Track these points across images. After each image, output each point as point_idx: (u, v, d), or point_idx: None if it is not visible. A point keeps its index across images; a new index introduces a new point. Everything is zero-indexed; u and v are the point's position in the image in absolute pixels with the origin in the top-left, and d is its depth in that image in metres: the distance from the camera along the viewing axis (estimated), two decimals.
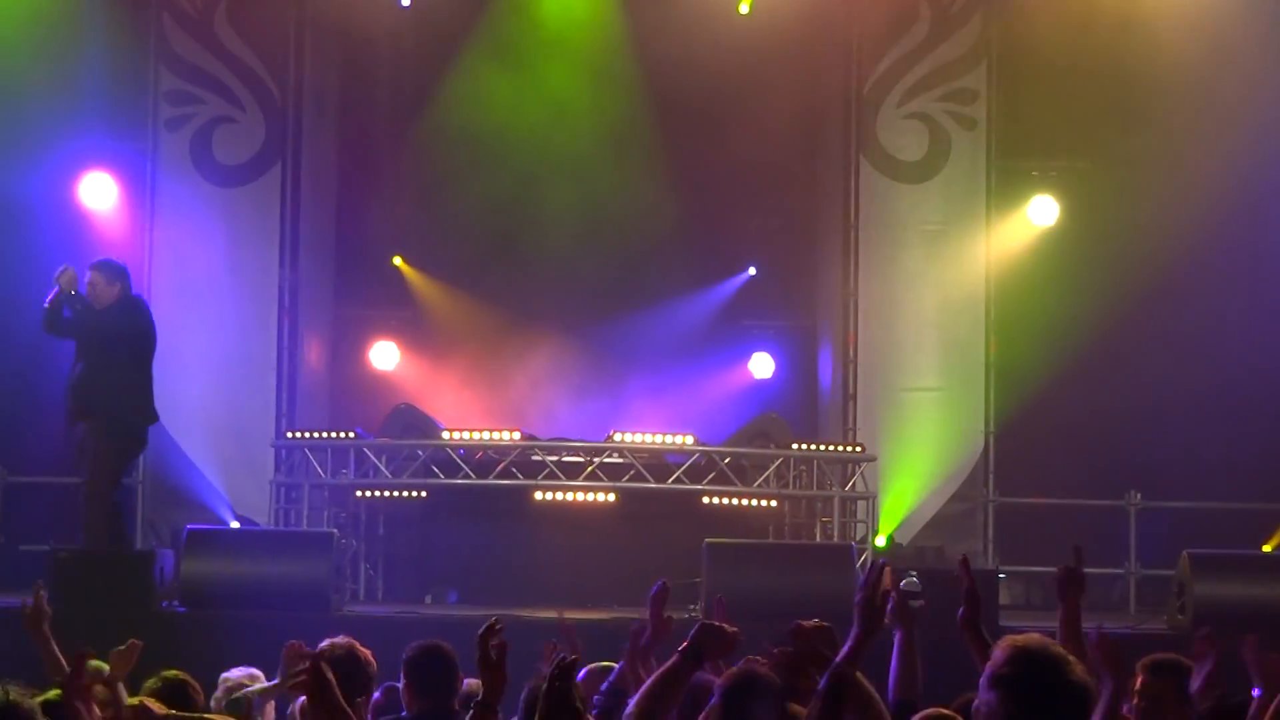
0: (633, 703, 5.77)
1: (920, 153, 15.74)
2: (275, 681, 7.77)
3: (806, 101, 16.72)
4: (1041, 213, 15.77)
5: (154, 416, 13.20)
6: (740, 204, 17.26)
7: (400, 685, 7.08)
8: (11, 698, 4.91)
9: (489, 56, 16.32)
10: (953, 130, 15.73)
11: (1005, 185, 15.72)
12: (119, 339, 12.82)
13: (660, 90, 16.32)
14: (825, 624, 6.18)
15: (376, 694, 7.47)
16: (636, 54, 16.23)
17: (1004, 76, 15.70)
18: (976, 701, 4.80)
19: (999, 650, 4.74)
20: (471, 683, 7.56)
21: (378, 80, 16.69)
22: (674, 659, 5.90)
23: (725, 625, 5.97)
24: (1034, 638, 4.82)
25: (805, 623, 6.13)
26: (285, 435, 15.20)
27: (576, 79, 16.29)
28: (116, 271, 12.91)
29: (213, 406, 15.63)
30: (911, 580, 6.50)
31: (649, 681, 5.94)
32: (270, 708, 7.88)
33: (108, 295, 12.81)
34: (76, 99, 15.65)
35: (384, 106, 16.97)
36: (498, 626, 5.32)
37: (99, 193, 15.85)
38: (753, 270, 17.44)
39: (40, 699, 6.28)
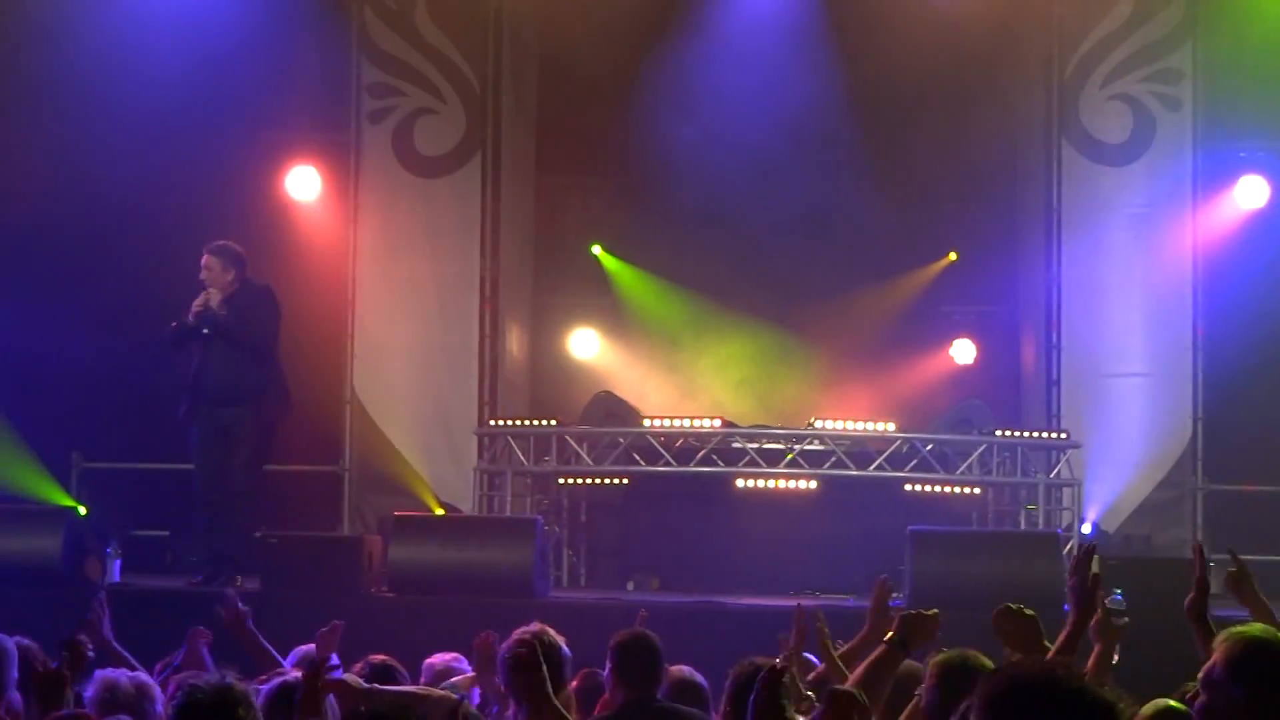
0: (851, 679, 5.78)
1: (1124, 135, 15.49)
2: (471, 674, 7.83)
3: (1007, 84, 16.54)
4: (1250, 194, 15.40)
5: (290, 405, 13.33)
6: (941, 188, 17.10)
7: (605, 672, 7.11)
8: (231, 685, 5.02)
9: (690, 44, 16.30)
10: (1157, 111, 15.45)
11: (1212, 167, 15.38)
12: (250, 329, 12.95)
13: (858, 76, 16.18)
14: (1030, 613, 6.13)
15: (574, 681, 7.52)
16: (835, 40, 16.10)
17: (1209, 56, 15.38)
18: (1203, 697, 4.71)
19: (1229, 644, 4.65)
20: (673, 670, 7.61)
21: (576, 69, 16.75)
22: (881, 649, 5.91)
23: (926, 612, 5.97)
24: (1256, 628, 4.73)
25: (1013, 605, 6.09)
26: (488, 423, 15.35)
27: (776, 63, 16.20)
28: (233, 257, 13.04)
29: (416, 395, 15.86)
30: (1117, 600, 6.42)
31: (858, 672, 5.94)
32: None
33: (223, 280, 12.94)
34: (281, 93, 15.95)
35: (583, 95, 17.02)
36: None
37: (304, 185, 16.13)
38: (954, 255, 17.27)
39: None
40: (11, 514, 13.54)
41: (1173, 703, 5.84)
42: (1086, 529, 14.32)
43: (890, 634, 5.98)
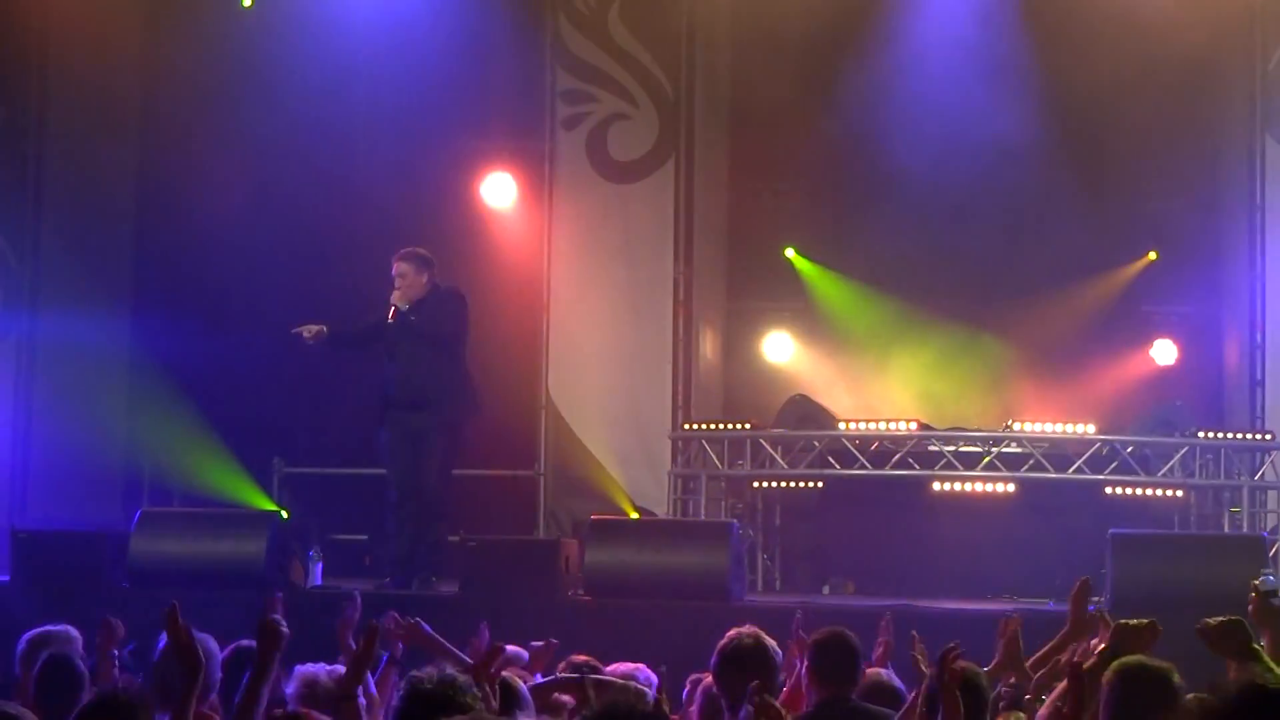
0: (1051, 703, 5.70)
1: None
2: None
3: (1208, 80, 16.22)
4: None
5: (479, 409, 13.40)
6: (1141, 187, 16.81)
7: (802, 669, 7.10)
8: (458, 682, 5.11)
9: (881, 49, 16.20)
10: None
11: None
12: (439, 332, 13.05)
13: (1060, 74, 15.93)
14: (1236, 619, 5.99)
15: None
16: (1032, 40, 15.90)
17: None
18: None
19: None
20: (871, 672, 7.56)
21: (771, 72, 16.72)
22: (1094, 660, 5.80)
23: (1141, 623, 5.86)
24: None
25: (1211, 621, 5.95)
26: (682, 427, 15.37)
27: (970, 66, 16.03)
28: (424, 261, 13.16)
29: (611, 399, 15.91)
30: (1268, 579, 6.27)
31: (1064, 683, 5.86)
32: None
33: (416, 286, 13.07)
34: (477, 101, 16.11)
35: (777, 99, 16.97)
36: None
37: (500, 192, 16.27)
38: (1154, 254, 16.99)
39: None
40: (217, 518, 13.83)
41: None
42: None
43: (1102, 645, 5.88)
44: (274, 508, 15.02)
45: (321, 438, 16.11)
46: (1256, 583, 6.07)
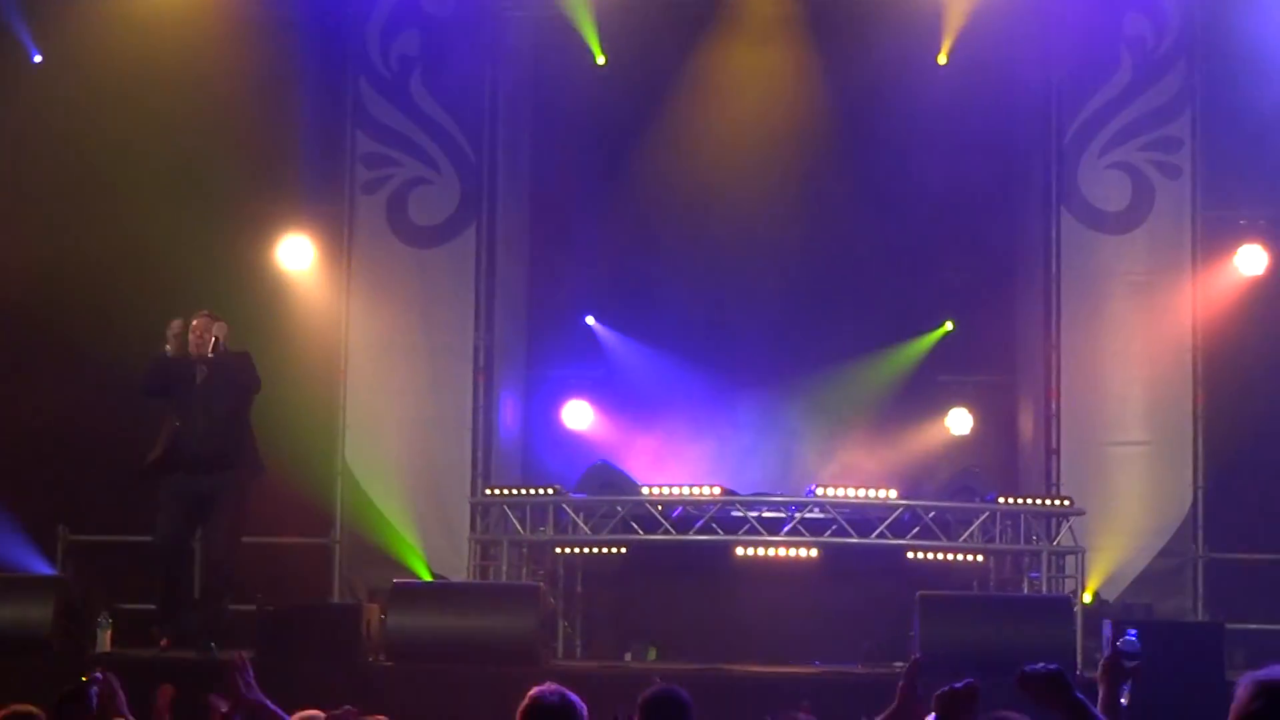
0: None
1: (1123, 202, 15.47)
2: None
3: (1004, 152, 16.52)
4: (1250, 262, 15.31)
5: (264, 469, 13.16)
6: (936, 258, 17.03)
7: None
8: None
9: (684, 107, 16.30)
10: (1156, 179, 15.44)
11: (1212, 233, 15.32)
12: (235, 388, 12.83)
13: (855, 142, 16.20)
14: (1058, 669, 5.87)
15: None
16: (830, 107, 16.12)
17: (1208, 123, 15.38)
18: None
19: (1242, 689, 4.54)
20: None
21: (572, 139, 16.73)
22: None
23: (959, 685, 5.78)
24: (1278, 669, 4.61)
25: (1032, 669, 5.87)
26: (483, 491, 15.17)
27: (771, 135, 16.20)
28: (215, 320, 12.95)
29: (409, 465, 15.76)
30: (1130, 639, 6.23)
31: None
32: None
33: (210, 341, 12.83)
34: (275, 163, 15.88)
35: (578, 165, 16.99)
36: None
37: (297, 255, 16.02)
38: (950, 324, 17.19)
39: None
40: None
41: None
42: (1087, 598, 14.13)
43: (932, 717, 5.80)
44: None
45: (105, 504, 15.61)
46: (1118, 643, 6.02)
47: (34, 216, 15.37)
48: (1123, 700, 5.94)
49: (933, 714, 5.78)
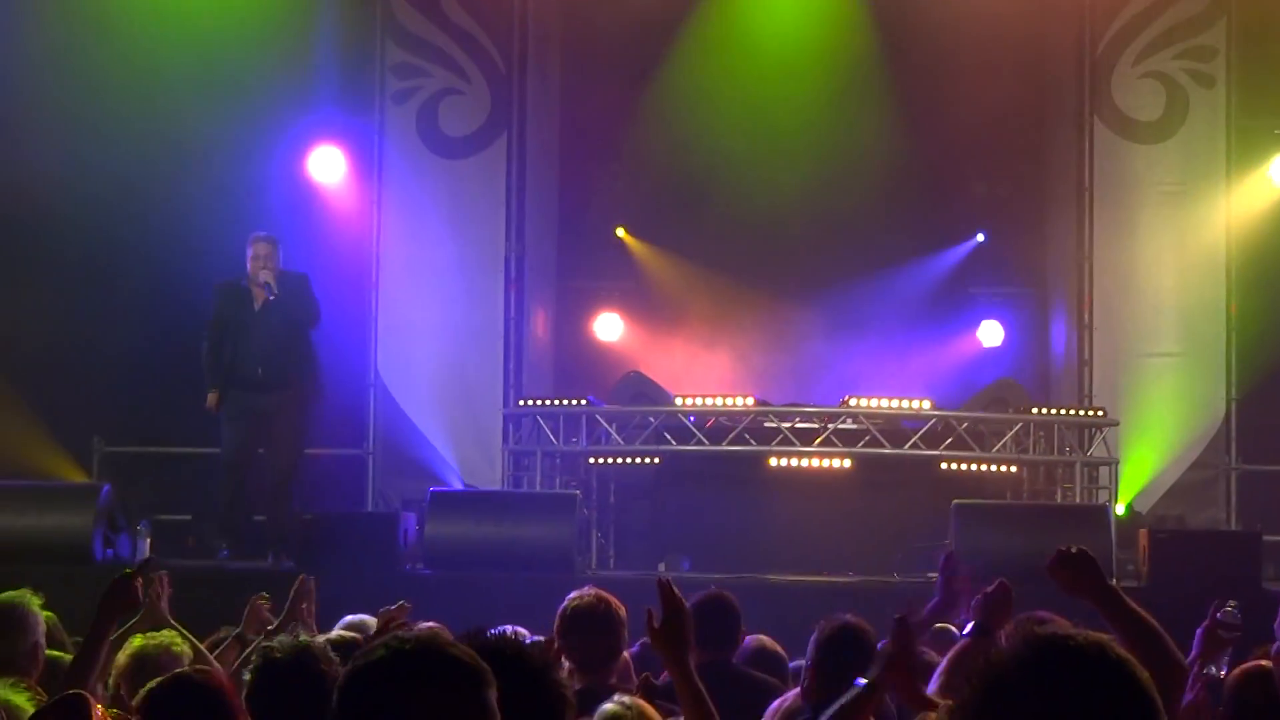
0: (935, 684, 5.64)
1: (1157, 112, 15.39)
2: None
3: (1037, 63, 16.45)
4: None
5: (323, 388, 13.48)
6: (968, 169, 16.99)
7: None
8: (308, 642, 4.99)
9: (716, 18, 16.22)
10: (1190, 89, 15.35)
11: (1246, 144, 15.24)
12: (309, 312, 12.99)
13: (887, 55, 16.14)
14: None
15: (634, 648, 7.39)
16: (864, 16, 16.02)
17: (1243, 32, 15.26)
18: None
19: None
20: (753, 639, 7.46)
21: (601, 48, 16.64)
22: (966, 640, 5.75)
23: (991, 588, 5.79)
24: None
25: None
26: (516, 403, 15.20)
27: (803, 44, 16.12)
28: (278, 243, 13.26)
29: (441, 377, 15.72)
30: (1232, 612, 6.21)
31: (947, 660, 5.81)
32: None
33: (274, 265, 13.05)
34: (306, 75, 15.79)
35: (607, 75, 16.91)
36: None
37: (328, 166, 15.96)
38: (981, 236, 17.14)
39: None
40: (40, 492, 13.42)
41: (1260, 662, 5.73)
42: (1120, 510, 14.16)
43: (972, 624, 5.82)
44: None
45: (143, 418, 15.67)
46: (1219, 614, 6.04)
47: (67, 125, 15.33)
48: (1219, 671, 5.96)
49: (971, 623, 5.81)
